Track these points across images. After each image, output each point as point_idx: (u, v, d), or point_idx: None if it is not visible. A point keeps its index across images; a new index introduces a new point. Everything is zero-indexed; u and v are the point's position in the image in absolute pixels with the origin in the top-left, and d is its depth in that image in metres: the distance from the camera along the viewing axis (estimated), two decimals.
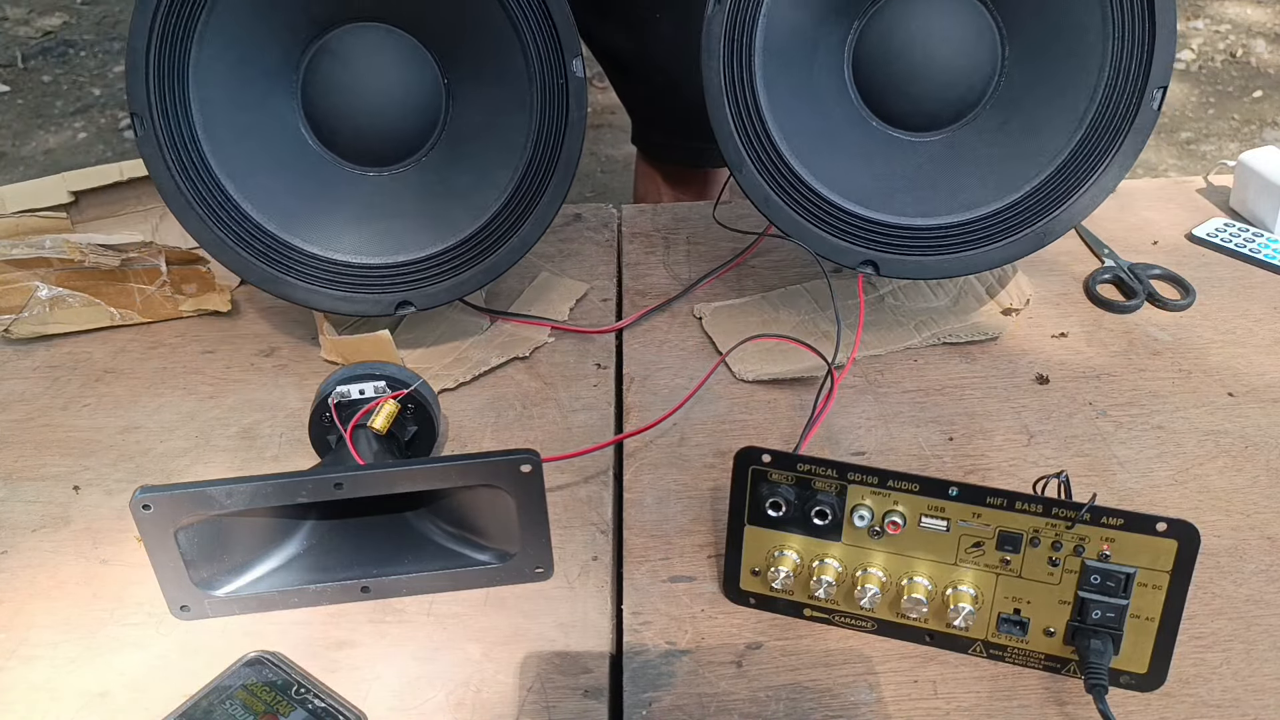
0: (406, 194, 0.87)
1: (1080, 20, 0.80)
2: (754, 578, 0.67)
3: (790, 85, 0.83)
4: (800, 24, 0.83)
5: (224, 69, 0.82)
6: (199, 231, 0.83)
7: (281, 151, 0.85)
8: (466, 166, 0.86)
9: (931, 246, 0.83)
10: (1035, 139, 0.83)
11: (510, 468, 0.65)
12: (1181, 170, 2.57)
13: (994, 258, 0.83)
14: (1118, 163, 0.81)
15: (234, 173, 0.83)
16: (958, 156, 0.85)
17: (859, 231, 0.84)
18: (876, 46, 0.85)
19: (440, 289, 0.86)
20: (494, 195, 0.85)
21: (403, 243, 0.86)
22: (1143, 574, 0.60)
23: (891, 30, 0.84)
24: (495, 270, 0.86)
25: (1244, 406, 0.83)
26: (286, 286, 0.84)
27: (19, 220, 0.94)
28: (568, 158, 0.84)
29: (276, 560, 0.69)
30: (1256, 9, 3.31)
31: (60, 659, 0.66)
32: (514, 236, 0.85)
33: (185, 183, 0.82)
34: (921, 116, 0.86)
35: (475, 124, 0.87)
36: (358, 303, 0.85)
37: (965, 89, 0.85)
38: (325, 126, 0.86)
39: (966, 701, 0.63)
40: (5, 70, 3.19)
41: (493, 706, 0.63)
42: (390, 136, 0.87)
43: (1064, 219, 0.82)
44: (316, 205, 0.86)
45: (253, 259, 0.84)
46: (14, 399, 0.88)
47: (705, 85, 0.81)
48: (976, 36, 0.84)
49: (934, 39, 0.84)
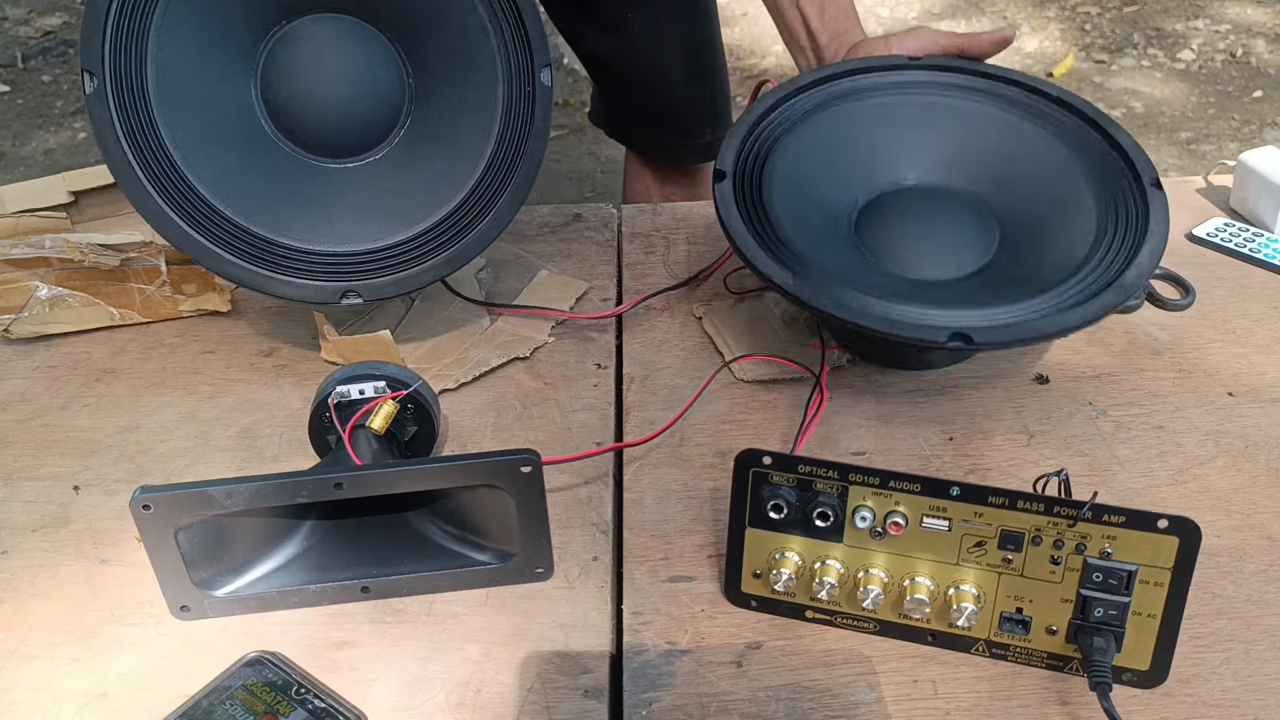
0: (362, 186, 0.87)
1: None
2: (755, 580, 0.67)
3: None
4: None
5: (185, 39, 0.80)
6: (141, 199, 0.80)
7: (234, 131, 0.84)
8: (424, 164, 0.86)
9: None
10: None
11: (510, 468, 0.65)
12: (1181, 170, 2.57)
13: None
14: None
15: (183, 145, 0.81)
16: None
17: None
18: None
19: (387, 282, 0.85)
20: (450, 194, 0.85)
21: (353, 233, 0.85)
22: (1144, 571, 0.60)
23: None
24: (448, 267, 0.85)
25: (1244, 406, 0.83)
26: (228, 265, 0.82)
27: (19, 220, 0.94)
28: (529, 164, 0.85)
29: (276, 560, 0.69)
30: (1256, 9, 3.30)
31: (60, 659, 0.66)
32: (469, 236, 0.85)
33: (132, 147, 0.79)
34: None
35: (437, 124, 0.87)
36: (301, 289, 0.84)
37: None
38: (283, 113, 0.85)
39: (966, 701, 0.63)
40: (5, 70, 3.19)
41: (493, 706, 0.63)
42: (349, 130, 0.87)
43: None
44: (267, 188, 0.84)
45: (194, 232, 0.81)
46: (14, 399, 0.88)
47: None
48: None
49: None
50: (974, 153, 0.91)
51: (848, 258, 0.85)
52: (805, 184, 0.89)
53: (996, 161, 0.91)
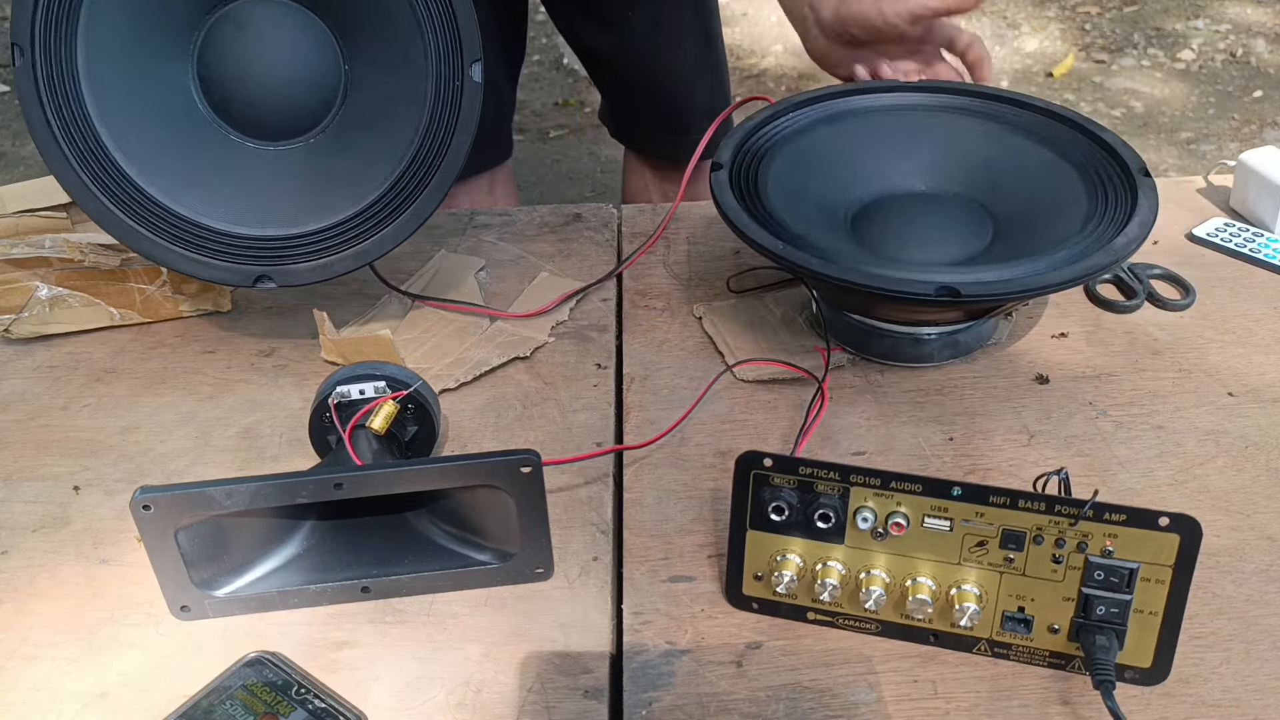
0: (289, 170, 0.87)
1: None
2: (757, 582, 0.67)
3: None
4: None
5: (121, 17, 0.80)
6: (62, 172, 0.81)
7: (167, 110, 0.84)
8: (353, 152, 0.86)
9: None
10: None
11: (510, 468, 0.65)
12: (1181, 170, 2.57)
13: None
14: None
15: (111, 121, 0.81)
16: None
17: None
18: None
19: (304, 269, 0.85)
20: (374, 185, 0.85)
21: (274, 216, 0.85)
22: (1146, 569, 0.60)
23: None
24: (364, 257, 0.85)
25: (1244, 406, 0.83)
26: (146, 242, 0.83)
27: (19, 220, 0.93)
28: (453, 158, 0.85)
29: (276, 560, 0.69)
30: (1256, 9, 3.31)
31: (60, 659, 0.66)
32: (388, 228, 0.85)
33: (57, 121, 0.80)
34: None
35: (369, 112, 0.87)
36: (216, 270, 0.84)
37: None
38: (218, 93, 0.85)
39: (966, 701, 0.63)
40: (5, 70, 3.19)
41: (493, 706, 0.63)
42: (284, 112, 0.86)
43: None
44: (194, 169, 0.85)
45: (115, 209, 0.82)
46: (14, 399, 0.88)
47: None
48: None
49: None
50: (967, 163, 0.94)
51: (841, 244, 0.86)
52: (801, 186, 0.91)
53: (989, 169, 0.94)
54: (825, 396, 0.83)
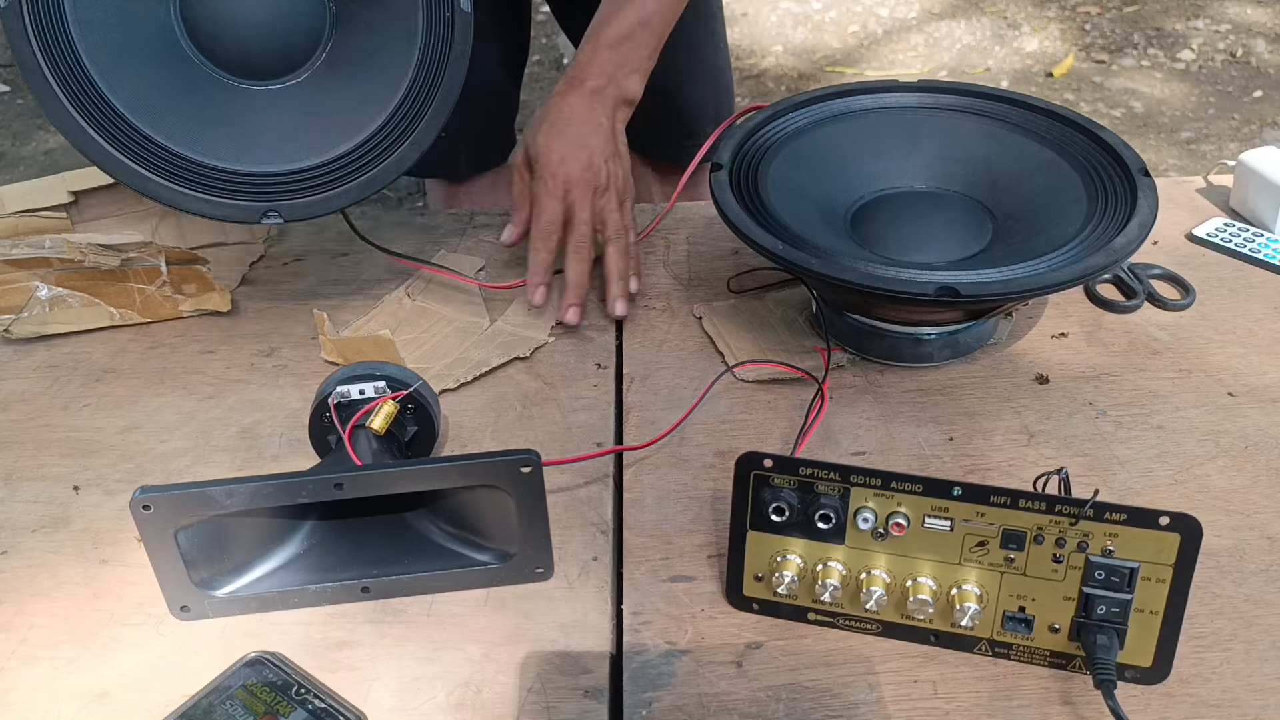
0: (283, 108, 0.88)
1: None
2: (757, 583, 0.67)
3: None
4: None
5: None
6: (58, 114, 0.81)
7: (154, 51, 0.85)
8: (346, 87, 0.87)
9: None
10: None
11: (510, 468, 0.65)
12: (1181, 170, 2.57)
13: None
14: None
15: (100, 62, 0.82)
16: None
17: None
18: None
19: (309, 202, 0.87)
20: (371, 117, 0.86)
21: (275, 153, 0.86)
22: (1146, 568, 0.60)
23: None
24: (368, 188, 0.87)
25: (1244, 406, 0.83)
26: (149, 184, 0.84)
27: (19, 220, 0.94)
28: (449, 88, 0.86)
29: (276, 560, 0.69)
30: (1256, 9, 3.30)
31: (60, 659, 0.66)
32: (390, 158, 0.87)
33: (48, 61, 0.80)
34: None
35: (358, 47, 0.88)
36: (222, 208, 0.85)
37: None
38: (203, 33, 0.86)
39: (966, 701, 0.63)
40: (5, 70, 3.19)
41: (493, 706, 0.63)
42: (269, 52, 0.87)
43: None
44: (186, 108, 0.85)
45: (113, 149, 0.83)
46: (14, 399, 0.88)
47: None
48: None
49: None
50: (967, 162, 0.95)
51: (841, 244, 0.86)
52: (801, 186, 0.91)
53: (989, 168, 0.94)
54: (825, 397, 0.83)
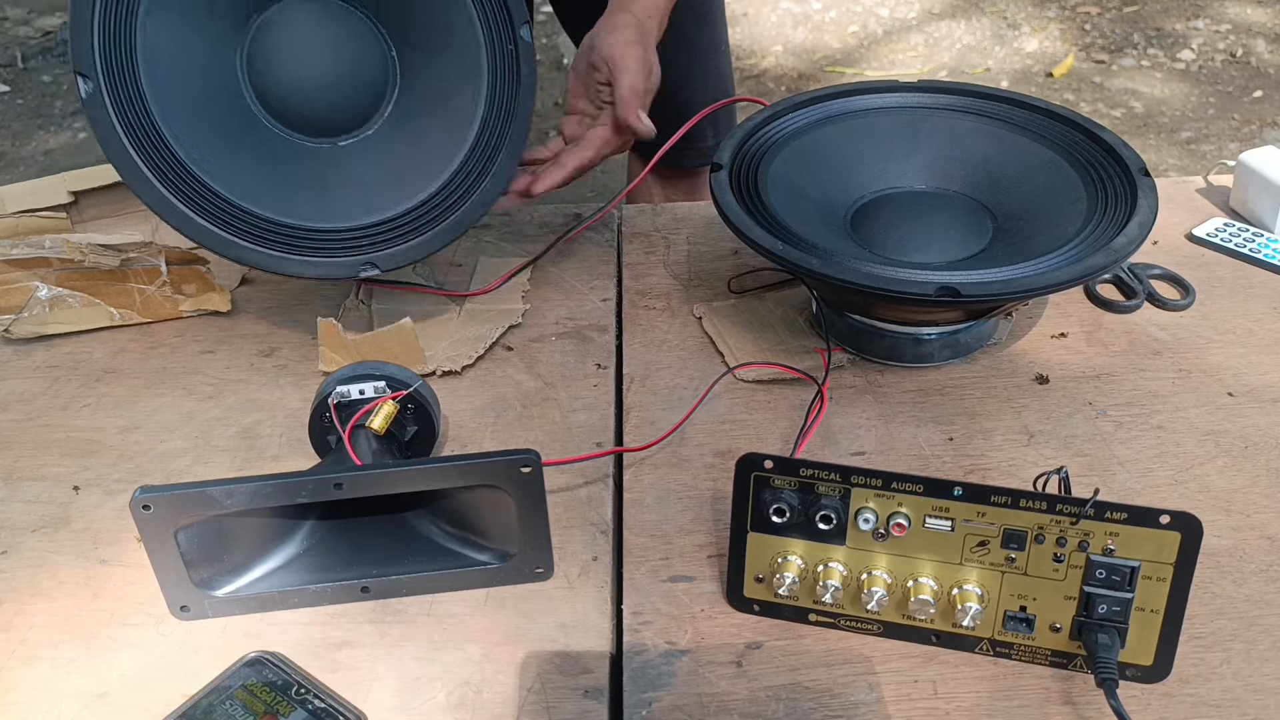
0: (359, 162, 0.88)
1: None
2: (758, 585, 0.67)
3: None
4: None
5: (170, 31, 0.80)
6: (147, 192, 0.81)
7: (228, 119, 0.85)
8: (418, 134, 0.88)
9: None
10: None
11: (510, 468, 0.65)
12: (1181, 170, 2.57)
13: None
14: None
15: (181, 136, 0.81)
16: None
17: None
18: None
19: (403, 250, 0.87)
20: (448, 160, 0.87)
21: (359, 207, 0.86)
22: (1147, 567, 0.60)
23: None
24: (457, 229, 0.88)
25: (1244, 406, 0.83)
26: (244, 251, 0.83)
27: (19, 220, 0.94)
28: (522, 117, 0.88)
29: (276, 560, 0.69)
30: (1256, 9, 3.30)
31: (60, 659, 0.66)
32: (474, 195, 0.88)
33: (133, 143, 0.80)
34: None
35: (425, 92, 0.88)
36: (318, 266, 0.85)
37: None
38: (272, 98, 0.86)
39: (966, 701, 0.63)
40: (5, 70, 3.19)
41: (493, 706, 0.63)
42: (338, 109, 0.88)
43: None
44: (265, 172, 0.85)
45: (206, 223, 0.82)
46: (14, 399, 0.88)
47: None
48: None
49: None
50: (967, 162, 0.95)
51: (841, 244, 0.86)
52: (801, 186, 0.91)
53: (989, 168, 0.94)
54: (825, 397, 0.83)
